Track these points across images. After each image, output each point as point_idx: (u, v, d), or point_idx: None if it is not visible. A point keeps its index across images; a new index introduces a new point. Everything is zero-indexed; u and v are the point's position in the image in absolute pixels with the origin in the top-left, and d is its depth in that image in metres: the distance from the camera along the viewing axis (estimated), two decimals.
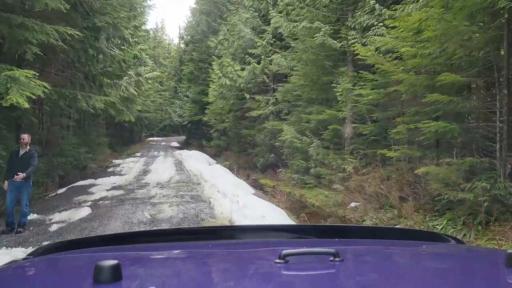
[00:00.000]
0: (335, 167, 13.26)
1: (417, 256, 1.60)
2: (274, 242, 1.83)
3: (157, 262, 1.52)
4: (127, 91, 14.46)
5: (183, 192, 12.97)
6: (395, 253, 1.63)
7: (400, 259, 1.57)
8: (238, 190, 12.32)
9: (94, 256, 1.55)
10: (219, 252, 1.66)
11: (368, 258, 1.56)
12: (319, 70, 14.47)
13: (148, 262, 1.53)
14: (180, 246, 1.79)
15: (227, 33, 25.37)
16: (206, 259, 1.57)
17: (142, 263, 1.50)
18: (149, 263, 1.53)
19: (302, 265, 1.28)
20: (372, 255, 1.60)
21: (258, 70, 21.48)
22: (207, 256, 1.61)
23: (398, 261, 1.55)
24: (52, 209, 10.64)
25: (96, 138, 24.36)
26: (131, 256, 1.58)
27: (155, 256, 1.61)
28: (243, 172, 21.65)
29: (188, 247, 1.77)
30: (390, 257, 1.58)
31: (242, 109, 24.53)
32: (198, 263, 1.52)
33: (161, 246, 1.80)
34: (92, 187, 14.58)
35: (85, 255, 1.64)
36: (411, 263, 1.54)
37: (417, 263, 1.53)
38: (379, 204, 10.36)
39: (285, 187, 16.69)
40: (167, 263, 1.51)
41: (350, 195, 11.61)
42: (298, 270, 1.25)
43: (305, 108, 16.45)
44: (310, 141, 14.86)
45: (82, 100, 10.17)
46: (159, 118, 56.37)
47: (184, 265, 1.50)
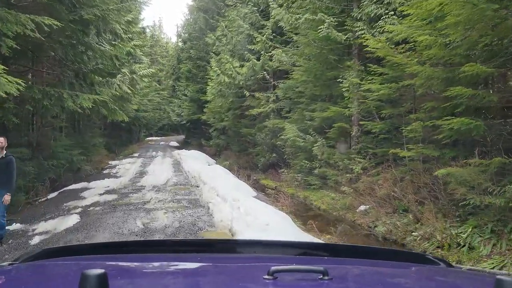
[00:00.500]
0: (341, 168, 12.48)
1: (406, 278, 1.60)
2: (264, 258, 1.83)
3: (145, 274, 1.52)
4: (120, 90, 13.62)
5: (180, 196, 12.18)
6: (384, 275, 1.61)
7: (388, 280, 1.54)
8: (239, 193, 11.52)
9: (81, 264, 1.57)
10: (207, 266, 1.66)
11: (357, 278, 1.56)
12: (323, 65, 13.67)
13: (135, 273, 1.53)
14: (168, 258, 1.78)
15: (225, 29, 24.54)
16: (194, 273, 1.56)
17: (129, 274, 1.50)
18: (137, 274, 1.52)
19: (290, 282, 1.28)
20: (361, 275, 1.60)
21: (258, 67, 20.70)
22: (196, 269, 1.61)
23: (387, 283, 1.50)
24: (38, 217, 9.86)
25: (91, 139, 23.54)
26: (119, 266, 1.58)
27: (143, 267, 1.60)
28: (244, 172, 20.85)
29: (176, 259, 1.75)
30: (379, 278, 1.55)
31: (242, 107, 23.75)
32: (186, 277, 1.51)
33: (150, 257, 1.78)
34: (85, 191, 13.79)
35: (72, 262, 1.63)
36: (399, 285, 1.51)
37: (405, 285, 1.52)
38: (392, 208, 9.58)
39: (288, 188, 15.91)
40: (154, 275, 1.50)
41: (359, 198, 10.83)
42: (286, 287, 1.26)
43: (308, 106, 15.68)
44: (314, 140, 14.08)
45: (69, 99, 9.36)
46: (158, 117, 55.57)
47: (171, 278, 1.50)
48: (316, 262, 1.61)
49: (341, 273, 1.51)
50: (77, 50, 10.92)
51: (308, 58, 14.63)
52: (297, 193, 14.48)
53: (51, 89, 9.30)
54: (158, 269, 1.59)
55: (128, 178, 16.80)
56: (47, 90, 9.19)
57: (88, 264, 1.58)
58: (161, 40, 71.68)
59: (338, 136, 13.31)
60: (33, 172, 13.79)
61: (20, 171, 13.20)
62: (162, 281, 1.43)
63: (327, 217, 11.00)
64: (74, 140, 19.07)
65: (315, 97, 15.55)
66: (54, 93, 9.24)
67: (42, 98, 9.06)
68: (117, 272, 1.43)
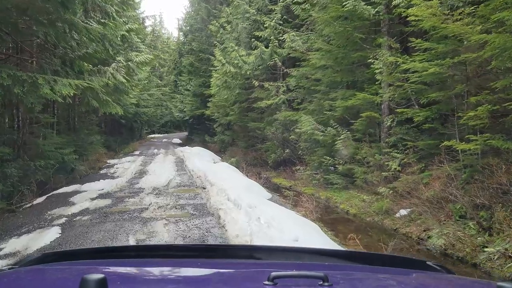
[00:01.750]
0: (371, 164, 10.68)
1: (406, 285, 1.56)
2: (264, 264, 1.84)
3: (145, 279, 1.50)
4: (114, 79, 11.83)
5: (184, 201, 10.40)
6: (384, 281, 1.59)
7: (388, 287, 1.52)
8: (253, 196, 9.76)
9: (81, 269, 1.58)
10: (208, 271, 1.64)
11: (357, 284, 1.53)
12: (347, 46, 11.84)
13: (135, 278, 1.52)
14: (169, 263, 1.77)
15: (230, 15, 22.70)
16: (195, 278, 1.55)
17: (129, 279, 1.49)
18: (137, 279, 1.51)
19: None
20: (361, 281, 1.57)
21: (267, 55, 18.91)
22: (196, 275, 1.59)
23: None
24: (11, 231, 8.10)
25: (88, 136, 21.74)
26: (118, 271, 1.59)
27: (143, 272, 1.58)
28: (252, 169, 19.08)
29: (177, 264, 1.74)
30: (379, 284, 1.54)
31: (249, 100, 21.95)
32: (186, 282, 1.49)
33: (150, 262, 1.77)
34: (75, 195, 12.03)
35: (72, 267, 1.64)
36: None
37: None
38: (444, 213, 7.77)
39: (304, 187, 14.14)
40: (154, 281, 1.48)
41: (399, 200, 9.04)
42: None
43: (326, 94, 13.87)
44: (336, 133, 12.30)
45: (45, 85, 7.59)
46: (160, 114, 53.96)
47: (172, 284, 1.48)
48: (316, 268, 1.59)
49: (341, 279, 1.49)
50: (58, 28, 9.11)
51: (327, 39, 12.81)
52: (317, 193, 12.68)
53: (23, 74, 7.51)
54: (158, 274, 1.57)
55: (126, 179, 15.02)
56: (18, 75, 7.40)
57: (88, 268, 1.56)
58: (162, 35, 70.19)
59: (366, 128, 11.49)
60: (16, 174, 12.06)
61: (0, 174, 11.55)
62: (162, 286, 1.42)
63: (360, 224, 9.21)
64: (67, 138, 17.32)
65: (334, 84, 13.77)
66: (27, 78, 7.45)
67: (12, 84, 7.29)
68: (117, 277, 1.45)
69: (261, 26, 20.27)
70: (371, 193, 10.40)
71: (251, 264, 1.83)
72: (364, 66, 11.95)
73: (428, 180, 8.41)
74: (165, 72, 59.47)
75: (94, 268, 1.59)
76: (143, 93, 33.54)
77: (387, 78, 9.71)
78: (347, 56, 12.05)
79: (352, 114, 12.44)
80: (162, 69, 60.11)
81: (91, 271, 1.06)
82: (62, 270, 1.59)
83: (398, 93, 9.68)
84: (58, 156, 14.67)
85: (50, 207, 10.49)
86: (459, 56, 7.34)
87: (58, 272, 1.57)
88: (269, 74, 20.54)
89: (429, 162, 8.92)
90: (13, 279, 1.45)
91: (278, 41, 18.25)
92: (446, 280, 1.69)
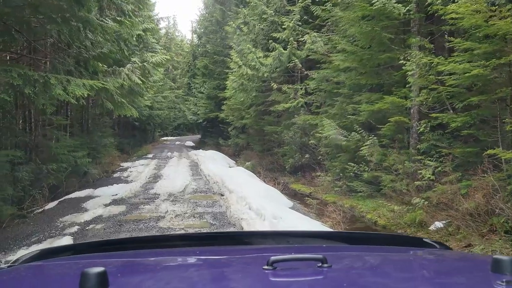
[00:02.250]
0: (401, 172, 10.05)
1: (405, 262, 1.60)
2: (263, 249, 1.85)
3: (145, 269, 1.49)
4: (129, 80, 11.35)
5: (202, 209, 9.86)
6: (382, 259, 1.61)
7: (387, 265, 1.54)
8: (275, 205, 9.19)
9: (81, 263, 1.56)
10: (207, 259, 1.64)
11: (356, 264, 1.55)
12: (374, 47, 11.23)
13: (135, 270, 1.50)
14: (168, 252, 1.78)
15: (247, 16, 22.17)
16: (194, 266, 1.55)
17: (130, 271, 1.48)
18: (137, 270, 1.49)
19: (290, 272, 1.27)
20: (359, 261, 1.58)
21: (285, 57, 18.32)
22: (195, 262, 1.60)
23: (386, 267, 1.51)
24: (21, 239, 7.65)
25: (101, 139, 21.32)
26: (119, 263, 1.58)
27: (142, 263, 1.58)
28: (269, 174, 18.51)
29: (175, 253, 1.76)
30: (377, 263, 1.55)
31: (265, 103, 21.40)
32: (186, 270, 1.50)
33: (149, 253, 1.77)
34: (88, 200, 11.58)
35: (71, 262, 1.62)
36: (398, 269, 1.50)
37: (405, 269, 1.51)
38: (487, 227, 7.13)
39: (325, 195, 13.54)
40: (155, 271, 1.47)
41: (433, 212, 8.40)
42: (286, 277, 1.25)
43: (349, 98, 13.26)
44: (360, 138, 11.70)
45: (57, 85, 7.11)
46: (173, 116, 53.72)
47: (172, 273, 1.47)
48: (314, 251, 1.58)
49: (339, 260, 1.50)
50: (72, 26, 8.64)
51: (352, 40, 12.21)
52: (339, 201, 12.07)
53: (34, 73, 7.04)
54: (157, 264, 1.57)
55: (140, 184, 14.55)
56: (30, 74, 6.93)
57: (87, 262, 1.55)
58: (176, 38, 70.14)
59: (394, 133, 10.87)
60: (28, 178, 11.64)
61: (10, 177, 11.13)
62: (162, 275, 1.40)
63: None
64: (80, 141, 16.91)
65: (358, 87, 13.15)
66: (39, 78, 6.97)
67: (23, 84, 6.82)
68: (117, 269, 1.43)
69: (279, 27, 19.76)
70: (400, 202, 9.77)
71: (250, 249, 1.82)
72: (392, 68, 11.35)
73: (467, 190, 7.76)
74: (178, 75, 59.46)
75: (93, 261, 1.56)
76: (157, 96, 33.19)
77: (420, 80, 9.07)
78: (373, 58, 11.43)
79: (378, 118, 11.84)
80: (176, 72, 60.05)
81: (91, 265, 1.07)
82: (62, 265, 1.58)
83: (432, 97, 9.04)
84: (71, 159, 14.24)
85: (62, 213, 10.04)
86: (507, 57, 6.71)
87: (57, 268, 1.56)
88: (286, 76, 20.01)
89: (466, 171, 8.27)
90: (13, 277, 1.44)
91: (297, 42, 17.71)
92: (443, 255, 1.71)
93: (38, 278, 1.45)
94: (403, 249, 1.79)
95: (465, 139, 8.91)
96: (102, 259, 1.61)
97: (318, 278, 1.26)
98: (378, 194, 11.36)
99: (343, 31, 12.54)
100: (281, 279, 1.24)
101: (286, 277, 1.25)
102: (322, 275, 1.25)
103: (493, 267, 1.16)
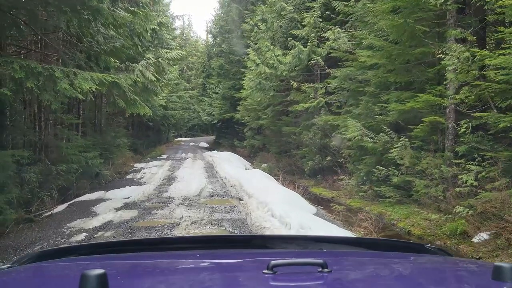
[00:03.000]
0: (436, 177, 9.20)
1: (405, 268, 1.57)
2: (263, 253, 1.83)
3: (145, 272, 1.47)
4: (143, 77, 10.67)
5: (220, 215, 9.13)
6: (383, 265, 1.59)
7: (388, 271, 1.52)
8: (300, 212, 8.42)
9: (81, 265, 1.54)
10: (207, 262, 1.63)
11: (356, 269, 1.53)
12: (406, 41, 10.40)
13: (135, 272, 1.49)
14: (168, 255, 1.76)
15: (265, 13, 21.43)
16: (194, 270, 1.53)
17: (130, 273, 1.47)
18: (137, 273, 1.47)
19: (290, 276, 1.27)
20: (360, 266, 1.57)
21: (304, 55, 17.55)
22: (195, 266, 1.58)
23: (386, 273, 1.49)
24: (23, 248, 6.99)
25: (114, 139, 20.73)
26: (119, 266, 1.56)
27: (142, 266, 1.56)
28: (287, 177, 17.72)
29: (176, 256, 1.74)
30: (378, 269, 1.54)
31: (283, 103, 20.66)
32: (185, 273, 1.49)
33: (150, 256, 1.76)
34: (99, 203, 10.93)
35: (71, 263, 1.60)
36: (399, 275, 1.49)
37: (405, 275, 1.49)
38: None
39: (349, 200, 12.76)
40: (154, 274, 1.46)
41: (476, 222, 7.56)
42: (286, 281, 1.25)
43: (375, 97, 12.44)
44: (388, 139, 10.91)
45: (63, 78, 6.42)
46: (187, 117, 53.23)
47: (171, 276, 1.46)
48: (315, 255, 1.61)
49: (340, 265, 1.50)
50: (82, 16, 7.97)
51: (381, 35, 11.39)
52: (365, 207, 11.26)
53: (38, 66, 6.37)
54: (157, 267, 1.55)
55: (153, 186, 13.88)
56: (32, 66, 6.26)
57: (87, 264, 1.55)
58: (191, 39, 69.86)
59: (429, 134, 10.03)
60: (36, 179, 11.03)
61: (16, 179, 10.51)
62: (162, 278, 1.39)
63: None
64: (92, 141, 16.31)
65: (385, 85, 12.34)
66: (43, 70, 6.30)
67: (25, 77, 6.15)
68: (116, 271, 1.42)
69: (298, 24, 19.04)
70: (436, 210, 8.93)
71: (250, 253, 1.80)
72: (424, 64, 10.53)
73: None
74: (193, 76, 59.23)
75: (93, 263, 1.57)
76: (171, 95, 32.61)
77: (461, 76, 8.22)
78: (404, 53, 10.61)
79: (406, 119, 11.04)
80: (190, 73, 59.76)
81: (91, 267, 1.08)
82: (62, 266, 1.56)
83: (474, 94, 8.19)
84: (82, 159, 13.60)
85: (70, 218, 9.40)
86: None
87: (57, 269, 1.54)
88: (305, 75, 19.24)
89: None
90: (13, 278, 1.42)
91: (318, 39, 16.95)
92: (444, 262, 1.68)
93: (37, 279, 1.44)
94: (404, 255, 1.78)
95: (510, 140, 8.04)
96: (102, 261, 1.61)
97: (318, 283, 1.24)
98: (408, 200, 10.52)
99: (370, 25, 11.73)
100: (281, 283, 1.24)
101: (286, 281, 1.24)
102: (322, 280, 1.23)
103: (494, 274, 1.14)
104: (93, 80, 6.92)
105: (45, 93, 6.83)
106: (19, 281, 1.39)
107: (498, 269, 1.13)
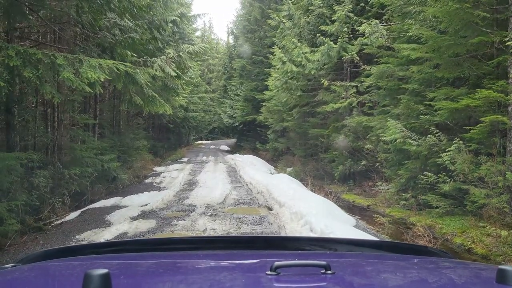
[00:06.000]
0: (500, 185, 7.92)
1: (408, 270, 1.55)
2: (266, 254, 1.80)
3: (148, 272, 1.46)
4: (162, 72, 9.65)
5: (249, 227, 8.00)
6: (386, 267, 1.57)
7: (391, 273, 1.50)
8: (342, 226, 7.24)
9: (84, 265, 1.54)
10: (210, 263, 1.61)
11: (359, 271, 1.51)
12: (461, 30, 9.14)
13: (138, 272, 1.47)
14: (171, 256, 1.75)
15: (292, 9, 20.30)
16: (197, 270, 1.52)
17: (133, 273, 1.46)
18: (140, 273, 1.46)
19: (293, 278, 1.25)
20: (363, 268, 1.55)
21: (334, 52, 16.32)
22: (198, 267, 1.56)
23: (389, 275, 1.47)
24: None
25: (133, 141, 19.82)
26: (122, 265, 1.55)
27: (145, 266, 1.55)
28: (315, 182, 16.52)
29: (179, 257, 1.73)
30: (381, 271, 1.51)
31: (311, 103, 19.48)
32: (189, 274, 1.47)
33: (152, 256, 1.74)
34: (114, 211, 9.96)
35: (75, 263, 1.60)
36: (402, 277, 1.46)
37: (408, 277, 1.47)
38: None
39: (388, 208, 11.51)
40: (157, 274, 1.43)
41: None
42: (289, 283, 1.23)
43: (419, 95, 11.19)
44: (436, 141, 9.67)
45: (66, 66, 5.39)
46: (208, 120, 52.44)
47: (174, 276, 1.44)
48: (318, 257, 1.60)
49: (343, 267, 1.47)
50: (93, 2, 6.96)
51: (428, 25, 10.15)
52: (408, 217, 10.03)
53: (37, 52, 5.36)
54: (160, 267, 1.54)
55: (173, 192, 12.84)
56: (31, 52, 5.26)
57: (91, 264, 1.55)
58: (211, 41, 69.20)
59: (488, 136, 8.75)
60: (46, 184, 10.10)
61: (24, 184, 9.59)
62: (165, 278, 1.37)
63: None
64: (109, 143, 15.39)
65: (430, 82, 11.10)
66: (43, 57, 5.29)
67: (22, 65, 5.15)
68: (120, 271, 1.41)
69: (327, 20, 17.88)
70: (499, 223, 7.66)
71: (254, 254, 1.77)
72: (480, 57, 9.27)
73: None
74: (213, 78, 58.58)
75: (96, 263, 1.56)
76: (192, 96, 31.71)
77: None
78: (456, 44, 9.34)
79: (456, 119, 9.80)
80: (211, 75, 59.08)
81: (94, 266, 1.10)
82: (65, 266, 1.54)
83: None
84: (98, 162, 12.65)
85: (80, 228, 8.41)
86: None
87: (61, 269, 1.52)
88: (334, 74, 18.05)
89: None
90: (16, 277, 1.41)
91: (349, 35, 15.76)
92: (448, 264, 1.65)
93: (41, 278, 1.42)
94: (407, 257, 1.75)
95: None
96: (106, 261, 1.60)
97: (321, 285, 1.21)
98: (460, 210, 9.25)
99: (414, 15, 10.51)
100: (284, 284, 1.21)
101: (289, 283, 1.22)
102: (325, 282, 1.21)
103: (498, 277, 1.13)
104: (101, 68, 5.84)
105: (45, 84, 5.82)
106: (23, 280, 1.37)
107: (502, 272, 1.11)
